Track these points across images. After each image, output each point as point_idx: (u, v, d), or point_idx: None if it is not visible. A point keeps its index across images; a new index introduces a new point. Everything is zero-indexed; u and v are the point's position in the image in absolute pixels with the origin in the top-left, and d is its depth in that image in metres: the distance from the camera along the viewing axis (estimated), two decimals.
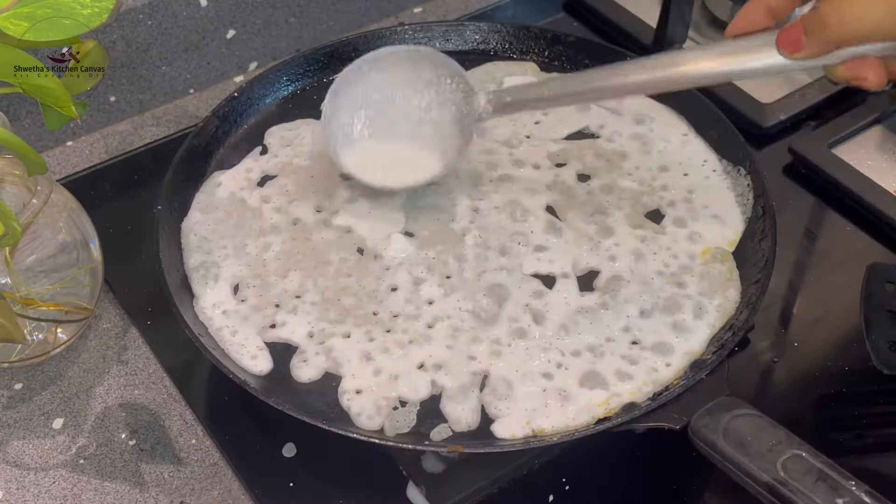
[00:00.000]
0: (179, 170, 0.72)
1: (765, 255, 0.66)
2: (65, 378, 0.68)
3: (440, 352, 0.62)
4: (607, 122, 0.78)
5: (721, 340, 0.62)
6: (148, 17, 0.83)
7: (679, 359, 0.62)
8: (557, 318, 0.64)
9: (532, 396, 0.60)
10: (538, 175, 0.74)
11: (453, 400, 0.60)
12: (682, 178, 0.73)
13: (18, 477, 0.62)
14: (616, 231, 0.69)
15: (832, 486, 0.51)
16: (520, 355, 0.62)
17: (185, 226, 0.70)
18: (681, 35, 0.91)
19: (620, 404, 0.59)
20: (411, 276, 0.67)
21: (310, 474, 0.61)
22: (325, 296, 0.66)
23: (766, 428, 0.54)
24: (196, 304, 0.65)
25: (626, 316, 0.64)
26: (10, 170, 0.64)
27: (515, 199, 0.72)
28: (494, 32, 0.85)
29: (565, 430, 0.58)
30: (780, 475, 0.52)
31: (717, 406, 0.56)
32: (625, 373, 0.61)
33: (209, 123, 0.76)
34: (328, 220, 0.71)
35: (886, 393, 0.65)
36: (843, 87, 0.86)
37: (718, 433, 0.55)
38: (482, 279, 0.66)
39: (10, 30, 0.54)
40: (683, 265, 0.67)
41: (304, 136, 0.77)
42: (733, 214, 0.70)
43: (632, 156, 0.75)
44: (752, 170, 0.71)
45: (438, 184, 0.72)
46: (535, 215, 0.70)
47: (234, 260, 0.68)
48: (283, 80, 0.81)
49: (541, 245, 0.68)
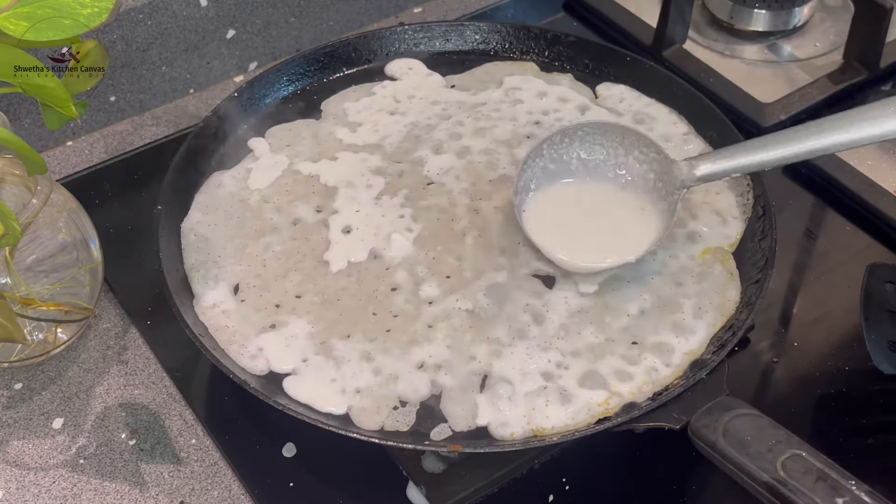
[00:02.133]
0: (179, 170, 0.72)
1: (765, 255, 0.66)
2: (65, 378, 0.68)
3: (440, 352, 0.62)
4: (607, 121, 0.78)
5: (721, 340, 0.62)
6: (148, 17, 0.83)
7: (679, 359, 0.62)
8: (557, 318, 0.64)
9: (532, 396, 0.60)
10: None
11: (453, 400, 0.60)
12: None
13: (18, 477, 0.62)
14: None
15: (832, 486, 0.51)
16: (520, 355, 0.62)
17: (184, 226, 0.70)
18: (681, 35, 0.91)
19: (620, 404, 0.59)
20: (411, 276, 0.67)
21: (310, 474, 0.61)
22: (325, 296, 0.66)
23: (765, 428, 0.54)
24: (196, 304, 0.65)
25: (626, 316, 0.64)
26: (10, 170, 0.64)
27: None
28: (494, 32, 0.85)
29: (565, 430, 0.58)
30: (780, 475, 0.52)
31: (717, 406, 0.56)
32: (625, 372, 0.61)
33: (209, 123, 0.76)
34: (328, 220, 0.71)
35: (886, 393, 0.65)
36: (842, 87, 0.86)
37: (718, 433, 0.55)
38: (482, 279, 0.66)
39: (10, 30, 0.54)
40: (683, 265, 0.67)
41: (304, 136, 0.77)
42: (733, 214, 0.70)
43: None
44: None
45: (439, 184, 0.72)
46: None
47: (234, 260, 0.68)
48: (283, 80, 0.81)
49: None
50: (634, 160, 0.69)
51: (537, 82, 0.82)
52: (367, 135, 0.78)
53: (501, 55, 0.85)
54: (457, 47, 0.85)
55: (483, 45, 0.85)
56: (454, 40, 0.85)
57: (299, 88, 0.82)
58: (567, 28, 0.94)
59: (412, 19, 0.98)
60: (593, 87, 0.82)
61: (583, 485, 0.61)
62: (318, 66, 0.83)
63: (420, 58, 0.85)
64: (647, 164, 0.69)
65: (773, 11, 0.91)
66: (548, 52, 0.84)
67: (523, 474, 0.61)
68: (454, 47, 0.85)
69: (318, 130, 0.78)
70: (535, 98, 0.80)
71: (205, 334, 0.63)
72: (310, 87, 0.82)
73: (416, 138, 0.77)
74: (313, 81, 0.83)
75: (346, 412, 0.60)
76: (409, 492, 0.60)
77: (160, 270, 0.65)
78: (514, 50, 0.85)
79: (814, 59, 0.91)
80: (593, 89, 0.81)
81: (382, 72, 0.84)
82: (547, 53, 0.84)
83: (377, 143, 0.77)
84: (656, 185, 0.68)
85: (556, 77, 0.82)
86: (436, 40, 0.85)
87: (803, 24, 0.94)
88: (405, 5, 0.98)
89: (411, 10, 0.99)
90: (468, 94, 0.81)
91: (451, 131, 0.77)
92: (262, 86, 0.80)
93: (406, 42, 0.85)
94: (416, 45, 0.85)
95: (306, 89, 0.82)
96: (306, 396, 0.60)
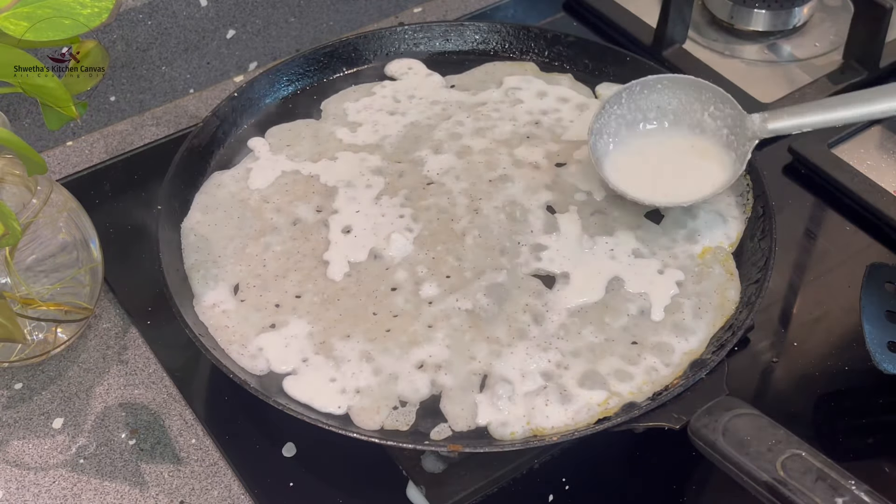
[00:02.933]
0: (180, 170, 0.72)
1: (764, 255, 0.66)
2: (65, 378, 0.68)
3: (440, 352, 0.62)
4: None
5: (721, 340, 0.62)
6: (148, 17, 0.83)
7: (678, 358, 0.62)
8: (557, 318, 0.64)
9: (531, 396, 0.60)
10: (538, 175, 0.74)
11: (453, 400, 0.60)
12: None
13: (18, 477, 0.62)
14: (615, 231, 0.69)
15: (832, 486, 0.51)
16: (519, 355, 0.62)
17: (185, 226, 0.70)
18: (681, 35, 0.91)
19: (620, 404, 0.59)
20: (411, 276, 0.67)
21: (310, 474, 0.61)
22: (325, 296, 0.66)
23: (765, 427, 0.54)
24: (196, 303, 0.65)
25: (625, 315, 0.64)
26: (10, 170, 0.64)
27: (515, 198, 0.72)
28: (494, 32, 0.85)
29: (565, 430, 0.58)
30: (780, 475, 0.52)
31: (717, 406, 0.56)
32: (624, 372, 0.61)
33: (209, 123, 0.76)
34: (328, 220, 0.71)
35: (886, 393, 0.65)
36: (842, 87, 0.86)
37: (718, 433, 0.55)
38: (482, 279, 0.66)
39: (10, 30, 0.54)
40: (683, 265, 0.67)
41: (303, 136, 0.77)
42: (733, 214, 0.71)
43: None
44: (752, 170, 0.71)
45: (439, 184, 0.72)
46: (534, 214, 0.70)
47: (234, 260, 0.68)
48: (283, 80, 0.81)
49: (540, 244, 0.68)
50: (709, 116, 0.72)
51: (537, 82, 0.82)
52: (367, 135, 0.78)
53: (501, 55, 0.85)
54: (456, 47, 0.85)
55: (483, 45, 0.86)
56: (454, 40, 0.85)
57: (299, 88, 0.82)
58: (567, 28, 0.94)
59: (412, 19, 0.98)
60: (593, 87, 0.82)
61: (583, 485, 0.61)
62: (318, 67, 0.83)
63: (420, 58, 0.85)
64: (720, 119, 0.71)
65: (773, 11, 0.92)
66: (547, 52, 0.84)
67: (523, 474, 0.61)
68: (454, 47, 0.85)
69: (317, 130, 0.78)
70: (534, 98, 0.80)
71: (205, 334, 0.63)
72: (310, 87, 0.82)
73: (415, 138, 0.77)
74: (313, 81, 0.83)
75: (346, 412, 0.60)
76: (409, 492, 0.60)
77: (160, 270, 0.65)
78: (514, 50, 0.85)
79: (814, 59, 0.91)
80: (593, 89, 0.81)
81: (382, 72, 0.84)
82: (547, 53, 0.84)
83: (377, 143, 0.77)
84: (728, 138, 0.71)
85: (555, 77, 0.82)
86: (435, 40, 0.85)
87: (803, 24, 0.94)
88: (405, 5, 0.98)
89: (411, 10, 0.99)
90: (468, 94, 0.81)
91: (451, 131, 0.77)
92: (261, 86, 0.80)
93: (406, 42, 0.85)
94: (415, 46, 0.85)
95: (306, 89, 0.82)
96: (306, 396, 0.60)
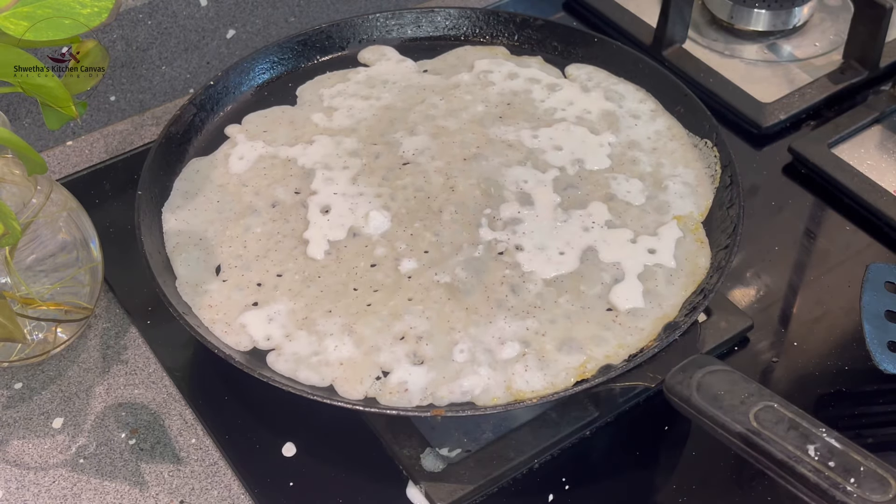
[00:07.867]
0: (158, 156, 0.72)
1: (733, 222, 0.67)
2: (65, 377, 0.68)
3: (420, 323, 0.63)
4: (578, 99, 0.79)
5: (692, 303, 0.64)
6: (148, 17, 0.83)
7: (652, 323, 0.63)
8: (534, 288, 0.65)
9: (511, 363, 0.61)
10: (511, 152, 0.75)
11: (434, 369, 0.61)
12: (652, 152, 0.75)
13: (18, 476, 0.62)
14: (588, 204, 0.71)
15: (803, 434, 0.52)
16: (498, 324, 0.63)
17: (165, 211, 0.71)
18: (681, 35, 0.91)
19: (597, 367, 0.61)
20: (390, 252, 0.68)
21: (310, 474, 0.61)
22: (306, 274, 0.66)
23: (738, 382, 0.56)
24: (179, 284, 0.66)
25: (600, 284, 0.65)
26: (10, 169, 0.64)
27: (490, 175, 0.73)
28: (464, 18, 0.86)
29: (544, 393, 0.59)
30: (753, 425, 0.53)
31: (691, 364, 0.58)
32: (600, 337, 0.62)
33: (186, 111, 0.76)
34: (306, 201, 0.71)
35: (886, 393, 0.65)
36: (842, 87, 0.86)
37: (692, 389, 0.56)
38: (459, 254, 0.67)
39: (10, 30, 0.54)
40: (654, 234, 0.68)
41: (280, 122, 0.78)
42: (702, 185, 0.72)
43: (602, 132, 0.76)
44: (719, 142, 0.73)
45: (415, 164, 0.73)
46: (509, 190, 0.72)
47: (215, 242, 0.69)
48: (258, 68, 0.82)
49: (516, 218, 0.70)
50: None
51: (508, 65, 0.83)
52: (343, 119, 0.78)
53: (472, 40, 0.86)
54: (428, 33, 0.86)
55: (453, 30, 0.86)
56: (425, 26, 0.86)
57: (274, 76, 0.83)
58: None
59: None
60: (562, 68, 0.83)
61: (583, 485, 0.61)
62: (293, 54, 0.83)
63: (392, 44, 0.85)
64: None
65: (773, 11, 0.92)
66: (517, 36, 0.85)
67: (523, 474, 0.61)
68: (425, 33, 0.86)
69: (294, 116, 0.79)
70: (506, 80, 0.81)
71: (188, 313, 0.64)
72: (285, 75, 0.83)
73: (390, 121, 0.78)
74: (288, 69, 0.83)
75: (331, 384, 0.60)
76: (409, 491, 0.60)
77: (143, 253, 0.65)
78: (484, 34, 0.86)
79: (813, 58, 0.91)
80: (563, 70, 0.83)
81: (356, 59, 0.84)
82: (516, 37, 0.85)
83: (353, 126, 0.78)
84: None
85: (525, 60, 0.84)
86: (407, 27, 0.86)
87: (803, 24, 0.94)
88: (404, 5, 0.98)
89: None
90: (440, 77, 0.82)
91: (425, 113, 0.78)
92: (237, 74, 0.81)
93: (378, 29, 0.85)
94: (388, 32, 0.86)
95: (281, 77, 0.83)
96: (290, 370, 0.61)
